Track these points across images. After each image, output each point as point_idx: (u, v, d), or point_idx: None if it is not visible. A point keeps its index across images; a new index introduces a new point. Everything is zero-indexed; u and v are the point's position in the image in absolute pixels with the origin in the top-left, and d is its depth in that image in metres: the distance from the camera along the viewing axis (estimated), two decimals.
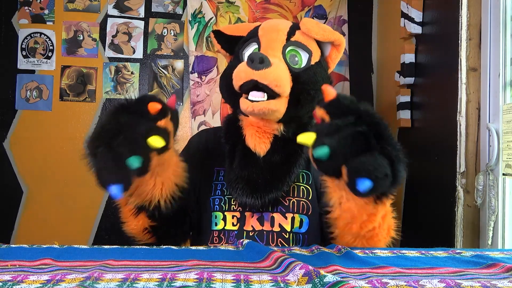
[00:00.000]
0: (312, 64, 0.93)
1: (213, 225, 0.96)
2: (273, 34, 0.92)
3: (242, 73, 0.83)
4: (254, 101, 0.84)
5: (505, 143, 1.11)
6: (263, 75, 0.81)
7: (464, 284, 0.54)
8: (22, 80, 2.15)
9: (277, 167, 0.92)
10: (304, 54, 0.92)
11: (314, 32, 0.92)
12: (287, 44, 0.91)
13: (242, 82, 0.84)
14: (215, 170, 1.00)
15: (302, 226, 0.94)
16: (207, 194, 0.98)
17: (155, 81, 2.22)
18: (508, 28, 1.19)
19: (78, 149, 2.16)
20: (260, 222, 0.93)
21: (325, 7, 2.26)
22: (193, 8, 2.22)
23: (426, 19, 1.60)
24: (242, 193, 0.89)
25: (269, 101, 0.84)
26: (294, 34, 0.93)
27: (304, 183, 0.97)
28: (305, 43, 0.93)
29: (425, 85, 1.62)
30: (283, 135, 0.94)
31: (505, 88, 1.18)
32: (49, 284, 0.50)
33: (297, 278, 0.53)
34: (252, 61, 0.80)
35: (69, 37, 2.18)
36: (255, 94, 0.84)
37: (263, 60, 0.80)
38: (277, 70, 0.83)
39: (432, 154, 1.52)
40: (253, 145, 0.93)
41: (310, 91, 0.90)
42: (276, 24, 0.95)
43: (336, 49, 0.98)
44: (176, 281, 0.51)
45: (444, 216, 1.37)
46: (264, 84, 0.81)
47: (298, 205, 0.95)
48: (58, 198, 2.11)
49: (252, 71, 0.81)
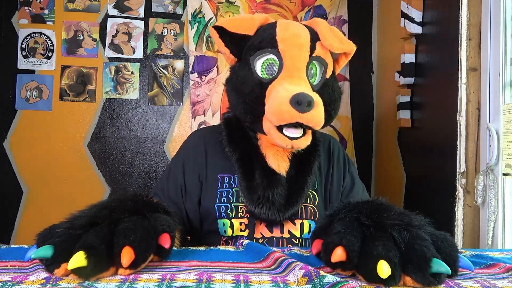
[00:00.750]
0: (327, 78, 0.91)
1: (221, 231, 0.95)
2: (296, 51, 0.86)
3: (287, 115, 0.78)
4: (293, 138, 0.82)
5: (505, 143, 1.11)
6: (310, 118, 0.78)
7: (464, 284, 0.54)
8: (22, 80, 2.15)
9: (296, 181, 0.92)
10: (320, 67, 0.90)
11: (336, 48, 0.89)
12: (310, 60, 0.88)
13: (285, 123, 0.80)
14: (219, 177, 0.97)
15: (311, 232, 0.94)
16: (211, 201, 0.95)
17: (155, 81, 2.22)
18: (508, 28, 1.18)
19: (78, 149, 2.17)
20: (269, 229, 0.93)
21: (325, 7, 2.26)
22: (193, 8, 2.22)
23: (426, 19, 1.60)
24: (266, 211, 0.88)
25: (306, 137, 0.83)
26: (315, 48, 0.89)
27: (310, 189, 0.96)
28: (324, 56, 0.90)
29: (425, 85, 1.62)
30: (299, 151, 0.93)
31: (505, 88, 1.18)
32: (49, 284, 0.50)
33: (297, 278, 0.53)
34: (300, 104, 0.76)
35: (69, 37, 2.18)
36: (293, 132, 0.82)
37: (311, 104, 0.77)
38: (320, 111, 0.80)
39: (432, 154, 1.52)
40: (276, 166, 0.91)
41: (331, 112, 0.89)
42: (297, 35, 0.88)
43: (345, 57, 0.97)
44: (176, 281, 0.51)
45: (444, 216, 1.36)
46: (308, 126, 0.80)
47: (306, 211, 0.95)
48: (58, 198, 2.11)
49: (298, 115, 0.77)
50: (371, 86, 2.28)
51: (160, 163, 2.21)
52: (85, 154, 2.17)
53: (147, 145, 2.21)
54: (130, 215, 0.61)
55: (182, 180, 0.99)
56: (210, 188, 0.96)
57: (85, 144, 2.17)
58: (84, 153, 2.17)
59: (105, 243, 0.54)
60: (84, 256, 0.51)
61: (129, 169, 2.19)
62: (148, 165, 2.20)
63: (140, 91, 2.21)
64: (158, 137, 2.21)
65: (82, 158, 2.16)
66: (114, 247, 0.54)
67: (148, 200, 0.70)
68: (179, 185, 0.98)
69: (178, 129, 2.23)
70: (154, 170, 2.20)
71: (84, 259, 0.51)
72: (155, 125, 2.22)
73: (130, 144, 2.20)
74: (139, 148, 2.20)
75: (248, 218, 0.93)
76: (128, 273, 0.55)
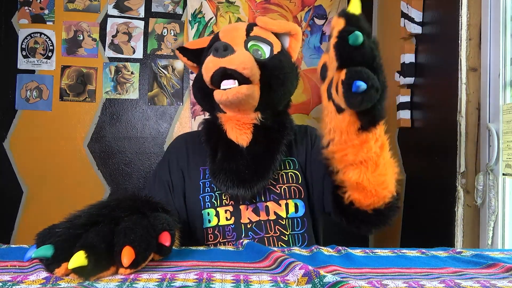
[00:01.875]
0: (275, 54, 0.98)
1: (206, 222, 0.96)
2: (233, 33, 0.97)
3: (210, 64, 0.87)
4: (227, 89, 0.87)
5: (505, 143, 1.11)
6: (230, 60, 0.84)
7: (464, 284, 0.54)
8: (22, 80, 2.14)
9: (260, 156, 0.95)
10: (265, 47, 0.97)
11: (271, 24, 0.99)
12: (248, 39, 0.96)
13: (211, 73, 0.87)
14: (201, 170, 1.02)
15: (298, 210, 0.96)
16: (195, 193, 0.99)
17: (155, 81, 2.22)
18: (508, 28, 1.18)
19: (78, 149, 2.17)
20: (255, 213, 0.95)
21: (325, 7, 2.26)
22: (193, 8, 2.22)
23: (426, 19, 1.60)
24: (232, 185, 0.91)
25: (241, 86, 0.87)
26: (252, 30, 0.99)
27: (291, 169, 1.00)
28: (265, 36, 0.98)
29: (425, 85, 1.62)
30: (262, 123, 0.97)
31: (505, 88, 1.18)
32: (49, 284, 0.50)
33: (297, 278, 0.53)
34: (217, 50, 0.84)
35: (69, 37, 2.18)
36: (226, 83, 0.87)
37: (227, 47, 0.84)
38: (242, 55, 0.87)
39: (432, 154, 1.52)
40: (235, 138, 0.96)
41: (279, 75, 0.94)
42: (234, 25, 1.04)
43: (294, 38, 1.04)
44: (176, 281, 0.51)
45: (444, 216, 1.36)
46: (233, 69, 0.85)
47: (289, 191, 0.97)
48: (58, 198, 2.11)
49: (218, 60, 0.84)
50: None
51: None
52: (85, 154, 2.17)
53: (147, 145, 2.21)
54: (129, 214, 0.61)
55: (169, 177, 1.03)
56: (193, 181, 1.01)
57: (85, 144, 2.17)
58: (84, 153, 2.17)
59: (105, 242, 0.54)
60: (85, 255, 0.51)
61: (129, 169, 2.19)
62: (148, 165, 2.20)
63: (140, 91, 2.21)
64: (158, 137, 2.21)
65: (82, 158, 2.16)
66: (114, 246, 0.54)
67: (147, 199, 0.71)
68: (166, 182, 1.03)
69: (178, 129, 2.23)
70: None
71: (84, 258, 0.51)
72: (155, 125, 2.22)
73: (130, 144, 2.20)
74: (139, 148, 2.20)
75: (232, 206, 0.95)
76: (128, 272, 0.55)
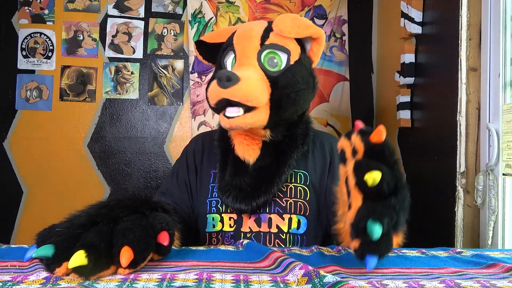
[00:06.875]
0: (291, 64, 0.91)
1: (210, 227, 0.96)
2: (246, 42, 0.90)
3: (213, 93, 0.83)
4: (231, 117, 0.84)
5: (505, 143, 1.11)
6: (232, 92, 0.80)
7: (464, 284, 0.53)
8: (22, 80, 2.15)
9: (266, 171, 0.93)
10: (282, 55, 0.90)
11: (287, 32, 0.90)
12: (262, 49, 0.89)
13: (215, 102, 0.84)
14: (212, 173, 1.01)
15: (300, 227, 0.94)
16: (203, 196, 0.99)
17: (155, 81, 2.22)
18: (508, 28, 1.18)
19: (78, 149, 2.17)
20: (257, 223, 0.94)
21: (325, 7, 2.25)
22: (193, 8, 2.22)
23: (426, 19, 1.60)
24: (234, 201, 0.91)
25: (245, 115, 0.84)
26: (268, 37, 0.91)
27: (301, 184, 0.97)
28: (282, 43, 0.91)
29: (425, 85, 1.62)
30: (271, 140, 0.94)
31: (505, 88, 1.18)
32: (49, 284, 0.50)
33: (297, 278, 0.52)
34: (220, 80, 0.80)
35: (69, 37, 2.18)
36: (231, 110, 0.84)
37: (230, 78, 0.79)
38: (246, 84, 0.81)
39: (432, 154, 1.52)
40: (241, 154, 0.94)
41: (290, 94, 0.88)
42: (249, 30, 0.93)
43: (316, 42, 0.96)
44: (176, 281, 0.51)
45: (444, 216, 1.36)
46: (236, 101, 0.81)
47: (295, 206, 0.95)
48: (58, 198, 2.11)
49: (221, 90, 0.80)
50: (371, 86, 2.28)
51: (160, 163, 2.21)
52: (85, 154, 2.17)
53: (147, 145, 2.21)
54: (128, 214, 0.61)
55: (187, 176, 1.04)
56: (204, 183, 1.01)
57: (85, 144, 2.17)
58: (84, 153, 2.17)
59: (105, 242, 0.54)
60: (85, 254, 0.51)
61: (129, 169, 2.19)
62: (148, 165, 2.20)
63: (140, 91, 2.21)
64: (158, 137, 2.21)
65: (82, 158, 2.16)
66: (113, 246, 0.55)
67: (146, 198, 0.71)
68: (184, 181, 1.03)
69: (178, 129, 2.23)
70: (154, 170, 2.20)
71: (84, 257, 0.51)
72: (155, 125, 2.22)
73: (130, 144, 2.20)
74: (139, 148, 2.20)
75: (237, 214, 0.95)
76: (127, 272, 0.55)
